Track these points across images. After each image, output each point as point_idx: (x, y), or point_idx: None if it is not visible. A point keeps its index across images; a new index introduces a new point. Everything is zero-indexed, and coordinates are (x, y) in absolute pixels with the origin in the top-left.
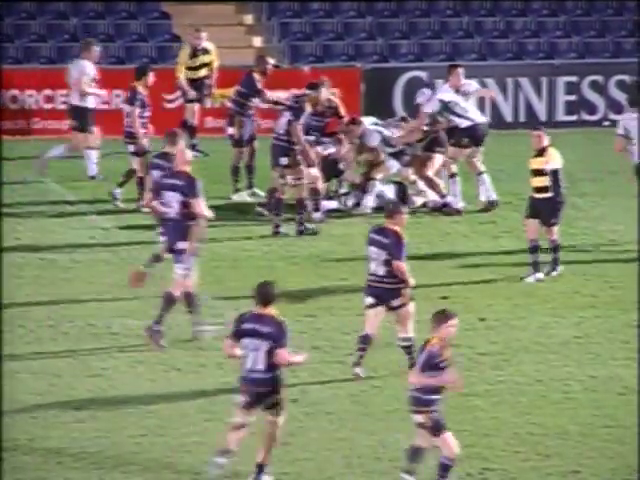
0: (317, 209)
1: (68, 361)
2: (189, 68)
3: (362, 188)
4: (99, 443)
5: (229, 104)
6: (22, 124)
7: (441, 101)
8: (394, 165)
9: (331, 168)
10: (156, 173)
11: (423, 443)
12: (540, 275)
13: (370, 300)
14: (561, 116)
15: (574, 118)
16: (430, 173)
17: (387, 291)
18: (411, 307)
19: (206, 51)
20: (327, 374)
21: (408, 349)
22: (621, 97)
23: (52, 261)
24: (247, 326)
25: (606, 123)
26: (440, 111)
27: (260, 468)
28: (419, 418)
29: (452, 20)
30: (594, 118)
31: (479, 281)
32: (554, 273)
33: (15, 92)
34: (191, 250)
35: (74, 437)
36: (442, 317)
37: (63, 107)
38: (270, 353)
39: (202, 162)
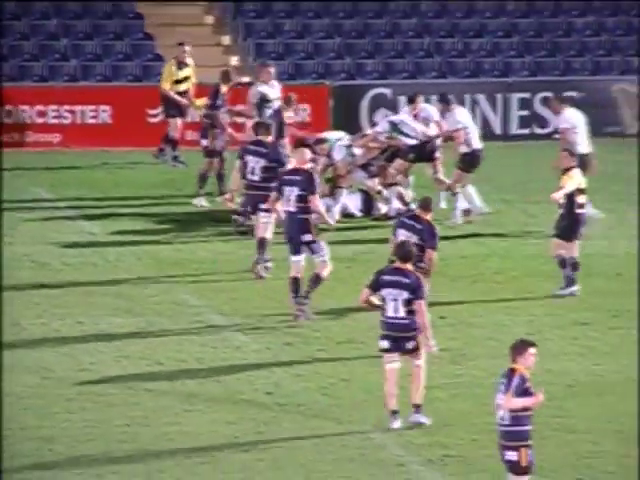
0: None
1: (59, 356)
2: (174, 82)
3: (330, 197)
4: (88, 432)
5: (202, 117)
6: (17, 137)
7: (390, 122)
8: (361, 176)
9: None
10: (251, 158)
11: None
12: (574, 288)
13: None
14: (515, 130)
15: (527, 131)
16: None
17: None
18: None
19: (186, 65)
20: (299, 369)
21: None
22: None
23: (44, 264)
24: (387, 278)
25: (557, 136)
26: (389, 131)
27: (417, 408)
28: (512, 455)
29: (414, 41)
30: (545, 131)
31: (440, 283)
32: (568, 290)
33: (9, 107)
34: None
35: (65, 427)
36: (523, 346)
37: (54, 121)
38: (409, 302)
39: (182, 172)
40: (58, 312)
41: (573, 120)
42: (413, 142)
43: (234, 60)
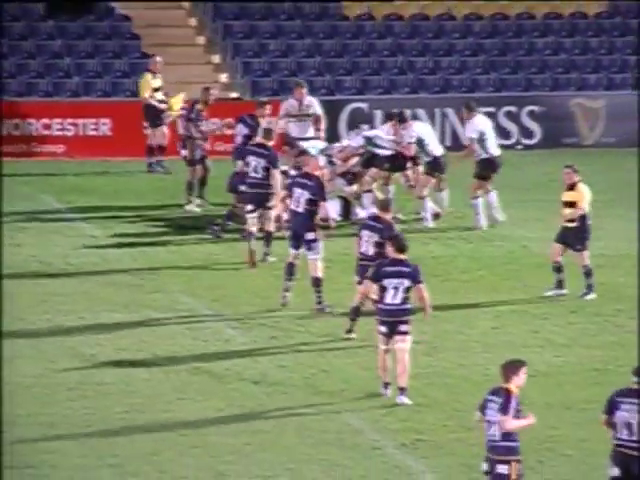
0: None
1: (62, 348)
2: (153, 90)
3: None
4: (88, 419)
5: (180, 130)
6: (24, 148)
7: (365, 137)
8: (340, 183)
9: None
10: (253, 158)
11: None
12: (562, 291)
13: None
14: None
15: None
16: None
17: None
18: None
19: (158, 74)
20: (283, 360)
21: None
22: (532, 124)
23: (49, 264)
24: (389, 269)
25: (519, 147)
26: (365, 145)
27: (401, 390)
28: (504, 469)
29: (388, 60)
30: (509, 142)
31: None
32: (588, 297)
33: (17, 121)
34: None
35: (66, 414)
36: (517, 366)
37: (59, 133)
38: (408, 289)
39: (176, 180)
40: (62, 308)
41: (481, 127)
42: (388, 153)
43: (223, 77)
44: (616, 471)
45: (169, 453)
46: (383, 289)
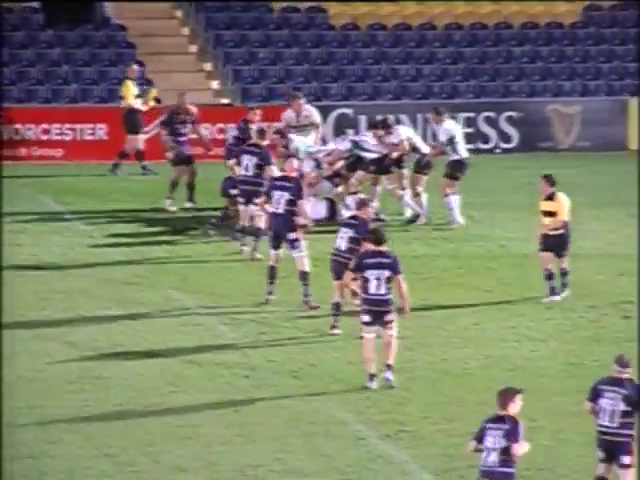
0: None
1: (61, 343)
2: (134, 97)
3: None
4: (87, 410)
5: (163, 135)
6: (24, 152)
7: (352, 141)
8: (327, 185)
9: None
10: (246, 156)
11: None
12: (557, 298)
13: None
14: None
15: (471, 147)
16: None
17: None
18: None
19: (135, 82)
20: (272, 355)
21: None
22: (510, 129)
23: (49, 263)
24: (370, 261)
25: (497, 151)
26: (351, 148)
27: (388, 367)
28: None
29: (372, 67)
30: (488, 147)
31: None
32: (563, 293)
33: (18, 126)
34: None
35: (66, 406)
36: (513, 393)
37: (57, 138)
38: (389, 279)
39: (152, 181)
40: (61, 305)
41: (452, 131)
42: (373, 156)
43: (215, 84)
44: (602, 455)
45: (163, 443)
46: (366, 280)
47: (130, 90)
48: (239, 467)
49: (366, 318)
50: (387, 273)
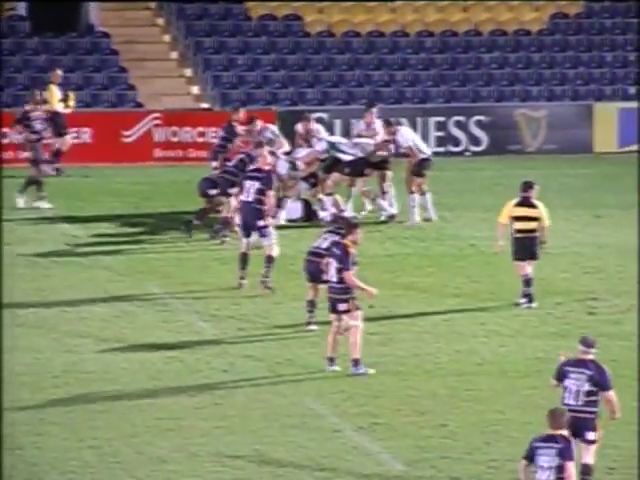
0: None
1: (47, 339)
2: (59, 101)
3: (277, 204)
4: (71, 404)
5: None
6: (12, 155)
7: (328, 142)
8: (303, 187)
9: None
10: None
11: None
12: (534, 305)
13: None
14: (433, 148)
15: (442, 150)
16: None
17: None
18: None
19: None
20: (250, 350)
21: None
22: (479, 133)
23: (35, 262)
24: (332, 249)
25: (467, 153)
26: (328, 149)
27: (354, 362)
28: None
29: (347, 73)
30: (458, 149)
31: (369, 277)
32: (534, 304)
33: (6, 130)
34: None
35: (52, 400)
36: (564, 414)
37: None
38: (339, 270)
39: (151, 184)
40: (47, 302)
41: (408, 135)
42: (349, 158)
43: (195, 89)
44: (566, 433)
45: (145, 435)
46: (329, 270)
47: (53, 94)
48: (218, 458)
49: (328, 305)
50: (335, 264)
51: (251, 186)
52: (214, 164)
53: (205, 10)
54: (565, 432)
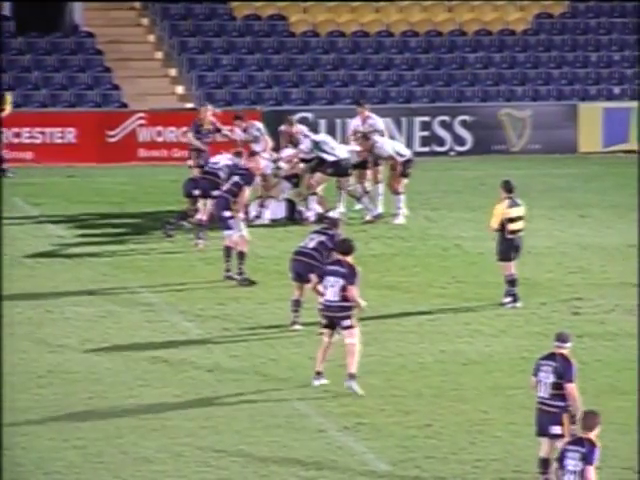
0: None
1: (32, 340)
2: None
3: (261, 204)
4: (56, 404)
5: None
6: None
7: (313, 141)
8: (287, 186)
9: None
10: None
11: None
12: (519, 304)
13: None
14: (417, 148)
15: (427, 149)
16: (318, 190)
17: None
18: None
19: None
20: (235, 350)
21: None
22: (464, 133)
23: (20, 262)
24: (330, 268)
25: (452, 153)
26: (312, 148)
27: (350, 376)
28: None
29: (331, 73)
30: (443, 149)
31: None
32: (518, 304)
33: None
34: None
35: (37, 400)
36: (597, 417)
37: (27, 141)
38: (344, 288)
39: (136, 184)
40: (31, 303)
41: (387, 145)
42: (332, 158)
43: (180, 89)
44: (536, 429)
45: (130, 436)
46: (324, 287)
47: None
48: (203, 458)
49: (323, 321)
50: (341, 282)
51: (231, 180)
52: (190, 162)
53: (190, 10)
54: (593, 435)
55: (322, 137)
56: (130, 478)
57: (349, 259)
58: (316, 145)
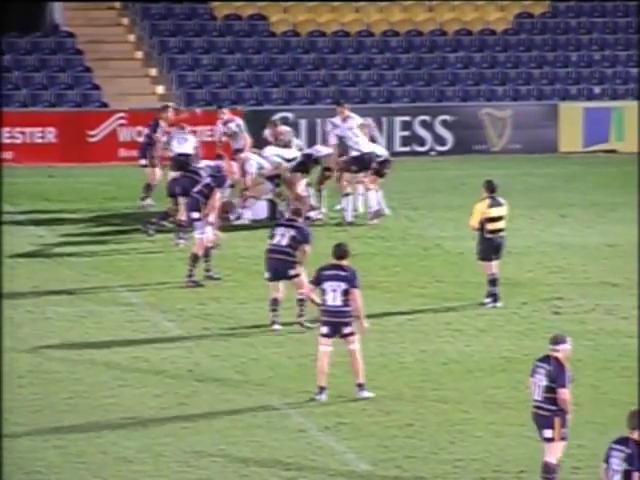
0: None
1: (12, 340)
2: None
3: (242, 204)
4: (37, 404)
5: None
6: None
7: (337, 136)
8: (269, 186)
9: None
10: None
11: None
12: (499, 304)
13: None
14: (398, 147)
15: (408, 149)
16: (299, 190)
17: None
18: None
19: None
20: (215, 350)
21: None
22: (444, 132)
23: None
24: (327, 273)
25: (433, 153)
26: (338, 143)
27: (360, 386)
28: None
29: (312, 73)
30: (423, 149)
31: None
32: (498, 304)
33: None
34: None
35: (17, 399)
36: (636, 416)
37: (8, 141)
38: (346, 292)
39: (117, 184)
40: (12, 303)
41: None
42: (355, 154)
43: (160, 89)
44: (536, 433)
45: (111, 435)
46: (323, 292)
47: None
48: (184, 458)
49: (324, 330)
50: (343, 285)
51: (205, 181)
52: (143, 162)
53: (170, 10)
54: (638, 435)
55: (343, 132)
56: (110, 478)
57: (346, 262)
58: (340, 140)
